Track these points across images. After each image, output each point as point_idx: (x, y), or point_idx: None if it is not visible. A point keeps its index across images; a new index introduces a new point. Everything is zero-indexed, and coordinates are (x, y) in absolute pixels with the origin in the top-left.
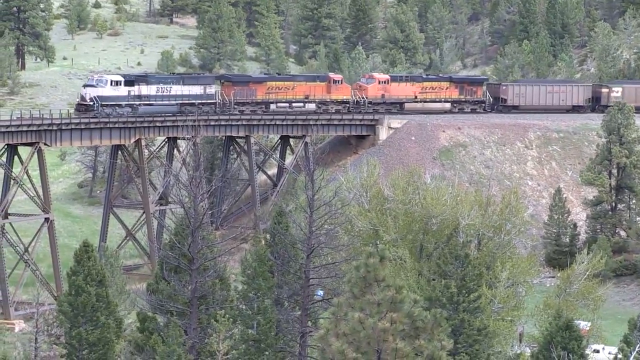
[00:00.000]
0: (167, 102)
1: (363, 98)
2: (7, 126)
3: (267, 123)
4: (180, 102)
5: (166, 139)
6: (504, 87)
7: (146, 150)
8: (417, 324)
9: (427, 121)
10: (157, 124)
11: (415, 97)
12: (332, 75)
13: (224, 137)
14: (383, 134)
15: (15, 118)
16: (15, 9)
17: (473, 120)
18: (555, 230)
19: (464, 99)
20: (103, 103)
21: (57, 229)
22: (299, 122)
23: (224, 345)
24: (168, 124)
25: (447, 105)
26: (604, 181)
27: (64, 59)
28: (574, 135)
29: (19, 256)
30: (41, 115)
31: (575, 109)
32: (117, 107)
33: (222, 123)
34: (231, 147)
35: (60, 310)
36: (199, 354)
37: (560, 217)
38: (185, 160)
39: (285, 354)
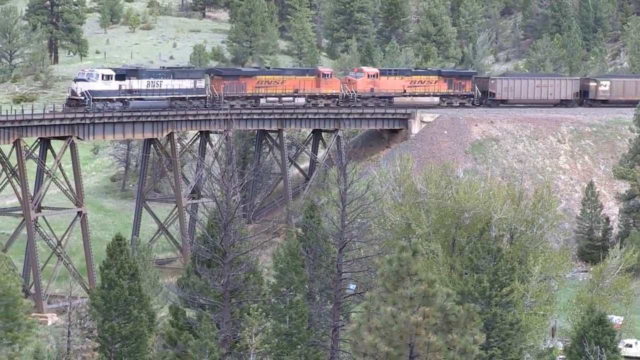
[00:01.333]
0: (157, 96)
1: (352, 92)
2: (40, 120)
3: (300, 117)
4: (171, 96)
5: (199, 133)
6: (492, 81)
7: (179, 144)
8: (449, 318)
9: (459, 115)
10: (190, 118)
11: (404, 91)
12: (321, 68)
13: (256, 131)
14: (415, 127)
15: (48, 112)
16: (48, 3)
17: (505, 114)
18: (587, 225)
19: (452, 93)
20: (94, 98)
21: (90, 222)
22: (332, 116)
23: (257, 339)
24: (201, 117)
25: (436, 100)
26: (637, 175)
27: (97, 52)
28: (607, 129)
29: (52, 250)
30: (74, 109)
31: (563, 103)
32: (108, 102)
33: (255, 117)
34: (263, 141)
35: (92, 304)
36: (231, 348)
37: (593, 211)
38: (218, 154)
39: (317, 348)
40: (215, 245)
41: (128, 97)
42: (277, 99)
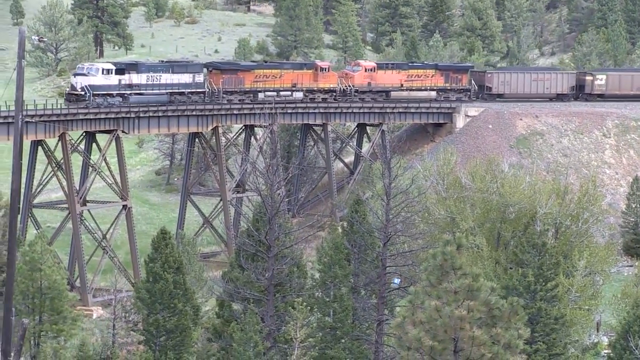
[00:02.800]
0: (157, 91)
1: (350, 86)
2: (86, 114)
3: (344, 111)
4: (170, 90)
5: (243, 127)
6: (489, 75)
7: (223, 138)
8: (494, 313)
9: (504, 109)
10: (235, 112)
11: (402, 85)
12: (319, 62)
13: (301, 125)
14: (460, 122)
15: (93, 106)
16: None
17: (550, 109)
18: (633, 219)
19: (449, 87)
20: (94, 92)
21: (135, 216)
22: (376, 110)
23: (301, 332)
24: (245, 111)
25: (433, 94)
26: None
27: (142, 46)
28: None
29: (97, 243)
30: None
31: (560, 97)
32: (108, 97)
33: (300, 111)
34: (308, 135)
35: (137, 297)
36: (276, 341)
37: (638, 205)
38: (262, 148)
39: (361, 342)
40: (260, 239)
41: (128, 92)
42: (275, 93)
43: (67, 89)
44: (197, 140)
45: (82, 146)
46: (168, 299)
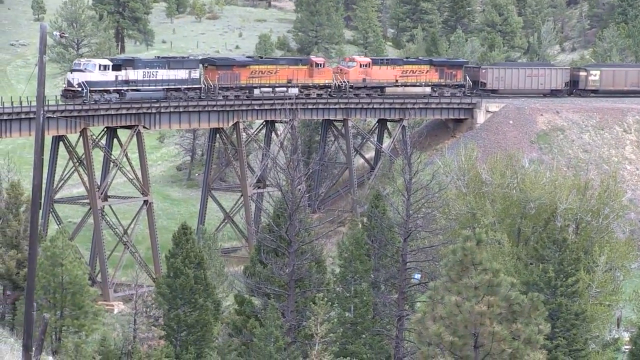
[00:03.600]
0: (153, 87)
1: (345, 82)
2: (107, 109)
3: (365, 107)
4: (166, 87)
5: (264, 122)
6: (483, 71)
7: (244, 134)
8: (514, 308)
9: (524, 105)
10: (256, 107)
11: (396, 81)
12: (314, 58)
13: (321, 121)
14: (481, 117)
15: (114, 101)
16: None
17: (571, 104)
18: None
19: (444, 83)
20: (91, 89)
21: (156, 211)
22: (397, 106)
23: (322, 328)
24: (266, 107)
25: (428, 90)
26: None
27: (163, 42)
28: None
29: (118, 238)
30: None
31: (553, 93)
32: (105, 93)
33: (320, 106)
34: (329, 131)
35: (158, 292)
36: (297, 337)
37: None
38: (283, 144)
39: (382, 337)
40: (281, 235)
41: (124, 88)
42: (270, 89)
43: (64, 85)
44: (218, 135)
45: (103, 141)
46: (189, 294)
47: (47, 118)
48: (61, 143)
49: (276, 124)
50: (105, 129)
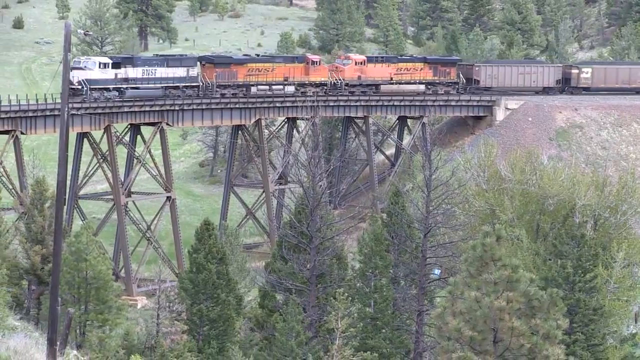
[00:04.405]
0: (152, 85)
1: (340, 80)
2: (130, 106)
3: (385, 104)
4: (165, 85)
5: (286, 119)
6: (476, 69)
7: (266, 131)
8: (533, 303)
9: (543, 102)
10: (277, 104)
11: (391, 79)
12: (310, 56)
13: (342, 118)
14: (500, 114)
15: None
16: None
17: (590, 102)
18: None
19: (437, 81)
20: (91, 87)
21: (179, 207)
22: (417, 103)
23: (342, 322)
24: (288, 104)
25: (422, 87)
26: None
27: (186, 40)
28: None
29: (141, 234)
30: (164, 96)
31: (546, 91)
32: (104, 91)
33: (341, 104)
34: (350, 128)
35: (181, 287)
36: (318, 331)
37: None
38: (304, 140)
39: (401, 332)
40: (302, 231)
41: (124, 86)
42: (267, 87)
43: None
44: (240, 132)
45: (127, 138)
46: (211, 289)
47: (72, 115)
48: (85, 140)
49: (298, 121)
50: (129, 126)
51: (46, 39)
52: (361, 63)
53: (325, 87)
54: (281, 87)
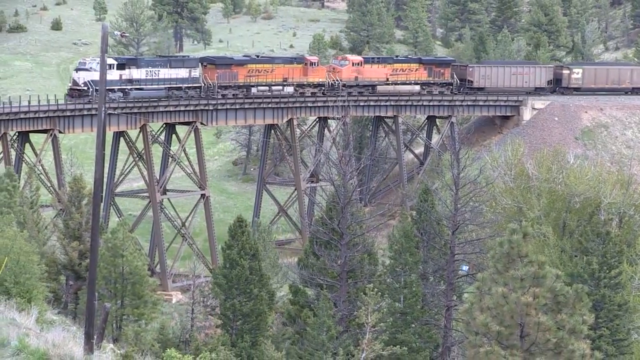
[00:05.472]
0: (156, 86)
1: (337, 80)
2: (166, 106)
3: (415, 104)
4: (168, 85)
5: (317, 119)
6: (470, 69)
7: (298, 130)
8: (559, 299)
9: (569, 102)
10: (309, 104)
11: (387, 79)
12: (308, 57)
13: (372, 117)
14: (527, 114)
15: (173, 98)
16: None
17: (615, 102)
18: None
19: (432, 81)
20: (97, 88)
21: (213, 204)
22: (446, 103)
23: (372, 317)
24: (319, 104)
25: (417, 88)
26: None
27: (220, 41)
28: None
29: (176, 230)
30: (198, 96)
31: (537, 91)
32: (109, 92)
33: (371, 103)
34: (379, 127)
35: (215, 283)
36: (348, 326)
37: None
38: (335, 139)
39: (431, 327)
40: (333, 227)
41: (129, 87)
42: (267, 87)
43: (69, 85)
44: (272, 131)
45: (162, 137)
46: (244, 285)
47: (109, 114)
48: (122, 139)
49: (329, 121)
50: (164, 125)
51: (83, 40)
52: (358, 64)
53: (323, 88)
54: (281, 87)
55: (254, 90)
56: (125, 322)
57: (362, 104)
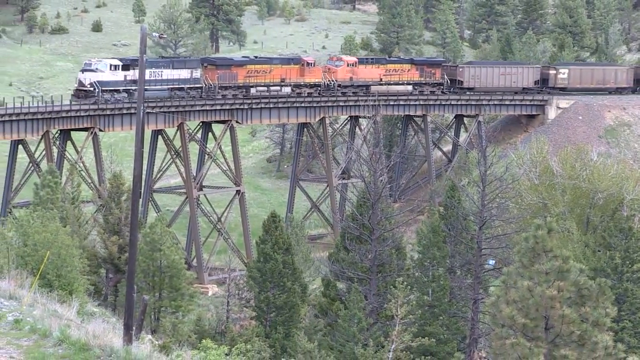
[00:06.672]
0: (159, 86)
1: (333, 81)
2: (202, 105)
3: (443, 103)
4: (171, 86)
5: (348, 118)
6: (460, 70)
7: (330, 128)
8: (582, 292)
9: (593, 101)
10: (341, 104)
11: (381, 80)
12: (305, 57)
13: (402, 116)
14: (552, 113)
15: (208, 98)
16: None
17: (637, 101)
18: None
19: (424, 81)
20: (102, 88)
21: (248, 200)
22: (473, 102)
23: (402, 310)
24: (350, 103)
25: (409, 88)
26: None
27: (255, 42)
28: None
29: (212, 225)
30: (233, 96)
31: (525, 90)
32: (115, 93)
33: (401, 103)
34: (409, 126)
35: (250, 276)
36: (378, 318)
37: None
38: (366, 137)
39: (458, 319)
40: (364, 223)
41: (133, 88)
42: (265, 88)
43: (75, 85)
44: (305, 130)
45: (198, 135)
46: (278, 278)
47: (147, 113)
48: (160, 137)
49: (360, 119)
50: (201, 124)
51: (123, 42)
52: (353, 64)
53: (319, 88)
54: (278, 88)
55: (253, 90)
56: (163, 314)
57: (392, 103)
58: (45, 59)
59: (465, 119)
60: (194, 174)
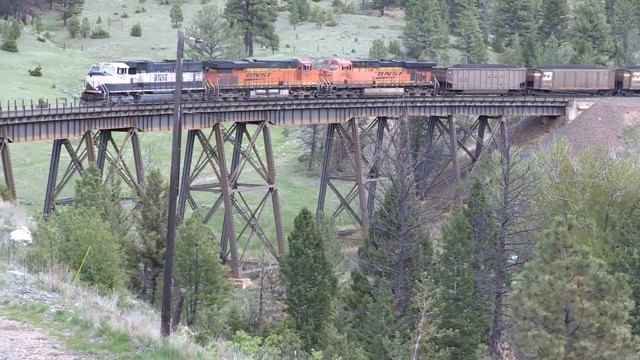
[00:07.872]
0: (164, 89)
1: (328, 84)
2: (237, 106)
3: (468, 104)
4: (174, 89)
5: (377, 118)
6: (449, 72)
7: (359, 128)
8: (601, 286)
9: (612, 103)
10: (369, 105)
11: (374, 83)
12: (301, 60)
13: (428, 117)
14: (572, 114)
15: (242, 100)
16: (244, 2)
17: None
18: None
19: (414, 84)
20: (110, 91)
21: (280, 197)
22: (496, 104)
23: (427, 303)
24: (379, 104)
25: (401, 91)
26: None
27: (287, 46)
28: None
29: (246, 222)
30: (267, 97)
31: (511, 93)
32: (122, 96)
33: (427, 104)
34: (435, 126)
35: (282, 270)
36: (405, 310)
37: None
38: (394, 138)
39: (481, 312)
40: (391, 219)
41: (139, 91)
42: (264, 91)
43: (83, 88)
44: (335, 130)
45: (233, 135)
46: (309, 272)
47: (184, 114)
48: (196, 136)
49: (387, 120)
50: (235, 124)
51: (161, 45)
52: (347, 68)
53: (315, 91)
54: (277, 90)
55: (252, 93)
56: (199, 306)
57: (418, 104)
58: (87, 62)
59: (488, 119)
60: (229, 172)
